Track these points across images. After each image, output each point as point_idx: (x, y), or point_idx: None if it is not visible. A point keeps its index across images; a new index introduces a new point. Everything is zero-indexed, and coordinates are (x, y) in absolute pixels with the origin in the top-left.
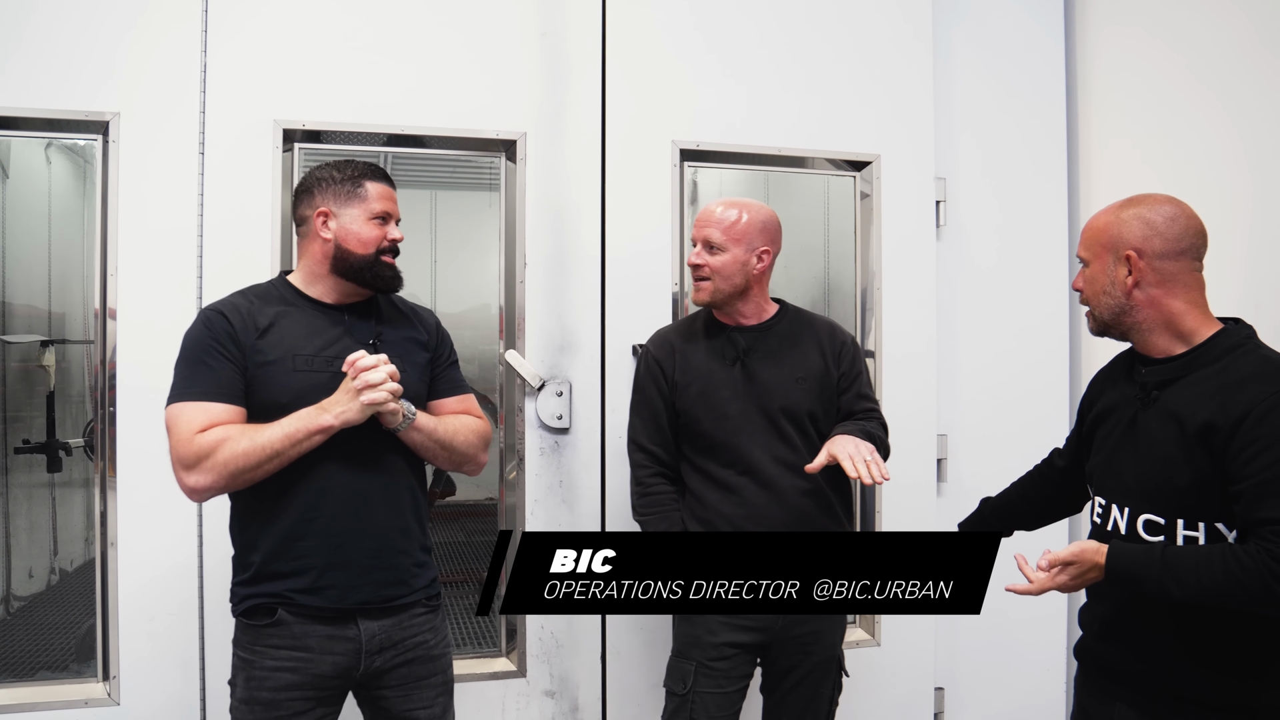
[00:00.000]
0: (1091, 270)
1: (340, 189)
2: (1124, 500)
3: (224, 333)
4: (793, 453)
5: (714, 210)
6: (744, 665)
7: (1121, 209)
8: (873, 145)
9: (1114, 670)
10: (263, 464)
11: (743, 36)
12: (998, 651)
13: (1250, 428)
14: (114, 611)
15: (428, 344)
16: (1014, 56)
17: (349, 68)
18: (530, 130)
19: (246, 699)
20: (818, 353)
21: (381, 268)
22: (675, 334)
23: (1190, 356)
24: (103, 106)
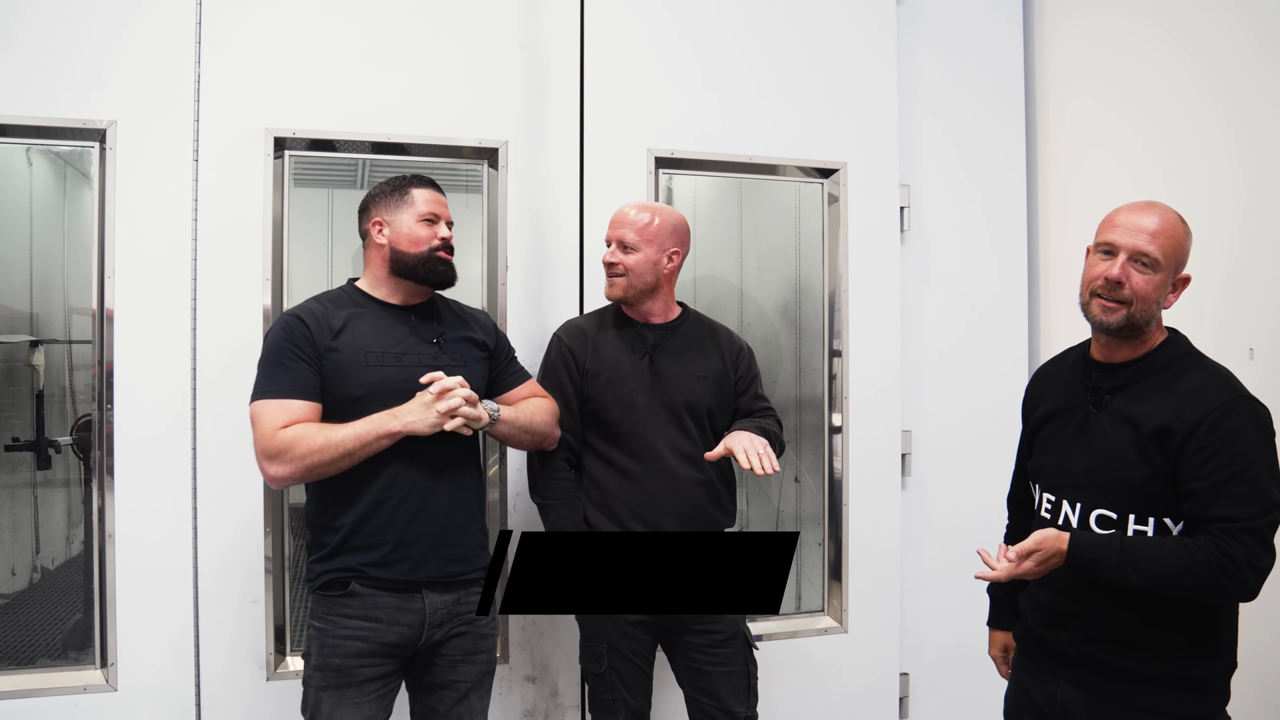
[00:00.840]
0: (1160, 278)
1: (390, 199)
2: (1075, 496)
3: (301, 336)
4: (691, 445)
5: (628, 213)
6: (648, 644)
7: (1179, 221)
8: (840, 153)
9: (1058, 652)
10: (336, 460)
11: (715, 48)
12: (961, 638)
13: (1205, 433)
14: (111, 601)
15: (485, 344)
16: (977, 64)
17: (338, 78)
18: (511, 139)
19: (320, 666)
20: (718, 355)
21: (435, 263)
22: (587, 323)
23: (1142, 363)
24: (99, 115)
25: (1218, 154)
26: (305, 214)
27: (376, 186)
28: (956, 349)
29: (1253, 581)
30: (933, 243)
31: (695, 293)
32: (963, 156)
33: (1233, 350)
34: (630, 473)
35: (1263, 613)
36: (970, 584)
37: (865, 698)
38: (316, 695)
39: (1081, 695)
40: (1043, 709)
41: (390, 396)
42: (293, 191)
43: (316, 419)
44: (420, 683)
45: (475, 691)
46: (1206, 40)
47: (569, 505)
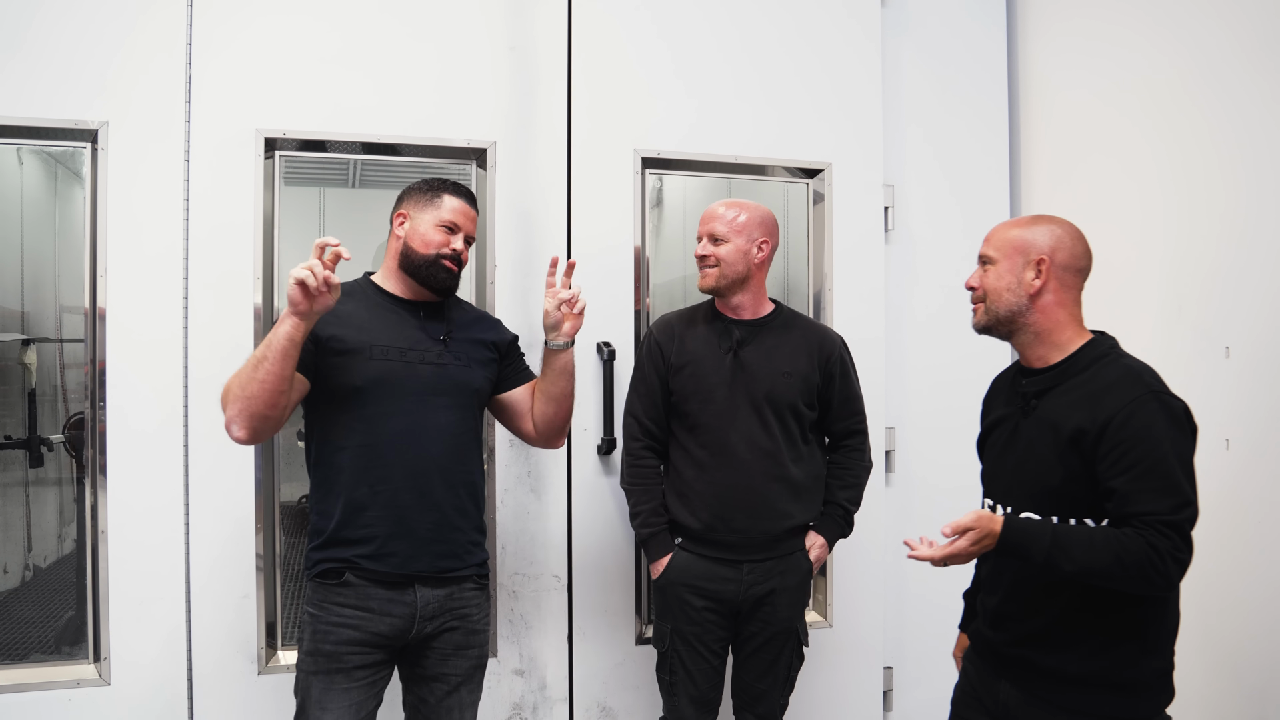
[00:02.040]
0: (998, 269)
1: (422, 196)
2: (1007, 500)
3: None
4: (769, 440)
5: (717, 209)
6: (716, 629)
7: (1034, 223)
8: (825, 154)
9: (997, 652)
10: (256, 377)
11: (701, 50)
12: (944, 633)
13: (1115, 431)
14: (104, 597)
15: (495, 345)
16: (960, 66)
17: (328, 79)
18: (500, 139)
19: (312, 651)
20: (805, 354)
21: (437, 269)
22: (678, 319)
23: (1063, 366)
24: (91, 116)
25: (1201, 157)
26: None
27: (417, 181)
28: (940, 347)
29: (1175, 574)
30: (917, 242)
31: (685, 290)
32: (947, 157)
33: (1209, 348)
34: (704, 464)
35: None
36: (953, 580)
37: (850, 691)
38: (307, 679)
39: (1019, 694)
40: (987, 705)
41: (392, 390)
42: (285, 190)
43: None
44: (412, 673)
45: (466, 685)
46: (1191, 45)
47: (648, 491)
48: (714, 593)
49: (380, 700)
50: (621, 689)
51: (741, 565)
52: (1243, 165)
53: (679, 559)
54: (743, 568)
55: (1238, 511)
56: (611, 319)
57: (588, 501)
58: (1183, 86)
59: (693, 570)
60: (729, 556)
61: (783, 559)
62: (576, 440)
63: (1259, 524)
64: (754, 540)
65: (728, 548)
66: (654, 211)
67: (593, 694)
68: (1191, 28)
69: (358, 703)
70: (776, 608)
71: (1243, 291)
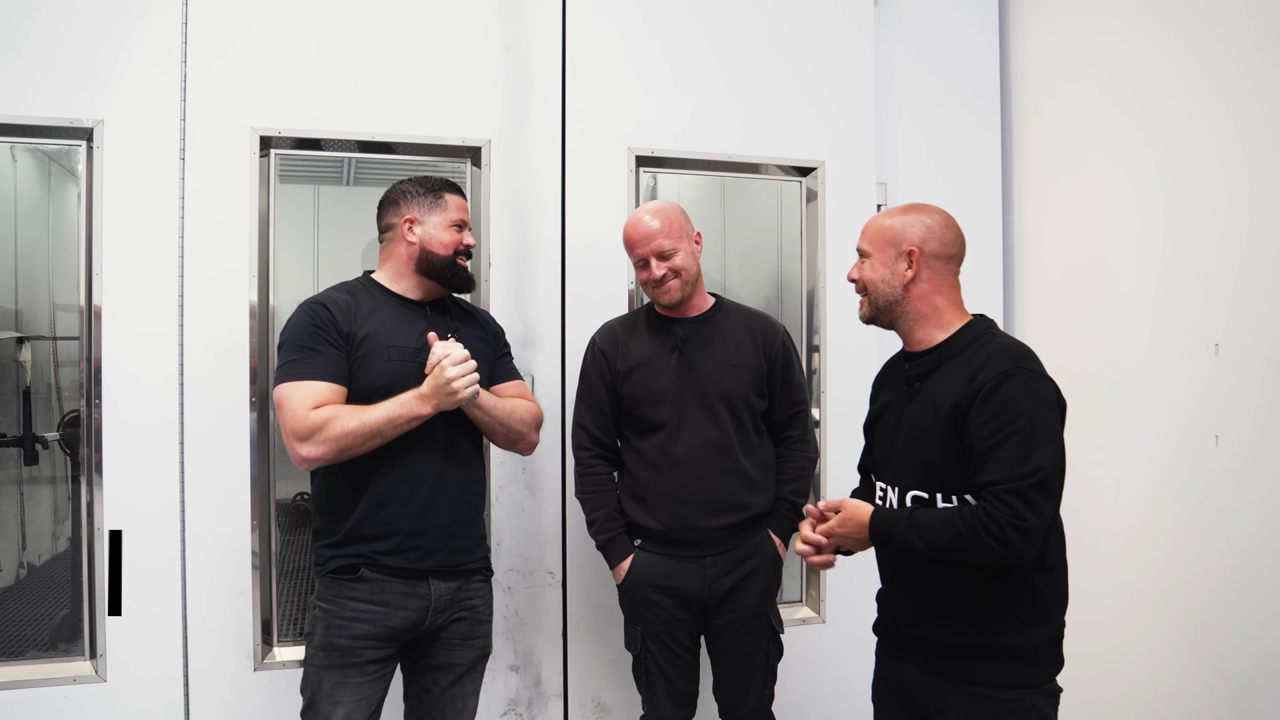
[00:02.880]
0: (873, 261)
1: (424, 200)
2: (895, 482)
3: (328, 321)
4: (721, 436)
5: (643, 223)
6: (685, 625)
7: (904, 213)
8: (817, 152)
9: (899, 634)
10: (366, 441)
11: (694, 49)
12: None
13: (980, 402)
14: (100, 594)
15: (490, 340)
16: (953, 64)
17: (323, 78)
18: (494, 138)
19: (325, 645)
20: (750, 344)
21: (458, 269)
22: (619, 326)
23: (942, 348)
24: (87, 114)
25: (1186, 156)
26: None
27: (407, 182)
28: None
29: (1017, 540)
30: None
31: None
32: (940, 154)
33: (1199, 345)
34: (658, 464)
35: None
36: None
37: (843, 686)
38: (318, 674)
39: (921, 673)
40: (895, 689)
41: (409, 389)
42: (280, 188)
43: (343, 401)
44: (418, 664)
45: (469, 674)
46: (1183, 42)
47: (600, 498)
48: (678, 590)
49: (386, 693)
50: (616, 685)
51: (704, 560)
52: (1234, 164)
53: (640, 560)
54: (705, 562)
55: (1226, 507)
56: (606, 315)
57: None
58: (1176, 83)
59: (655, 570)
60: (690, 553)
61: (744, 547)
62: (571, 436)
63: (1246, 518)
64: (714, 535)
65: (689, 545)
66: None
67: (588, 690)
68: (1183, 24)
69: (368, 696)
70: (745, 594)
71: (1232, 290)
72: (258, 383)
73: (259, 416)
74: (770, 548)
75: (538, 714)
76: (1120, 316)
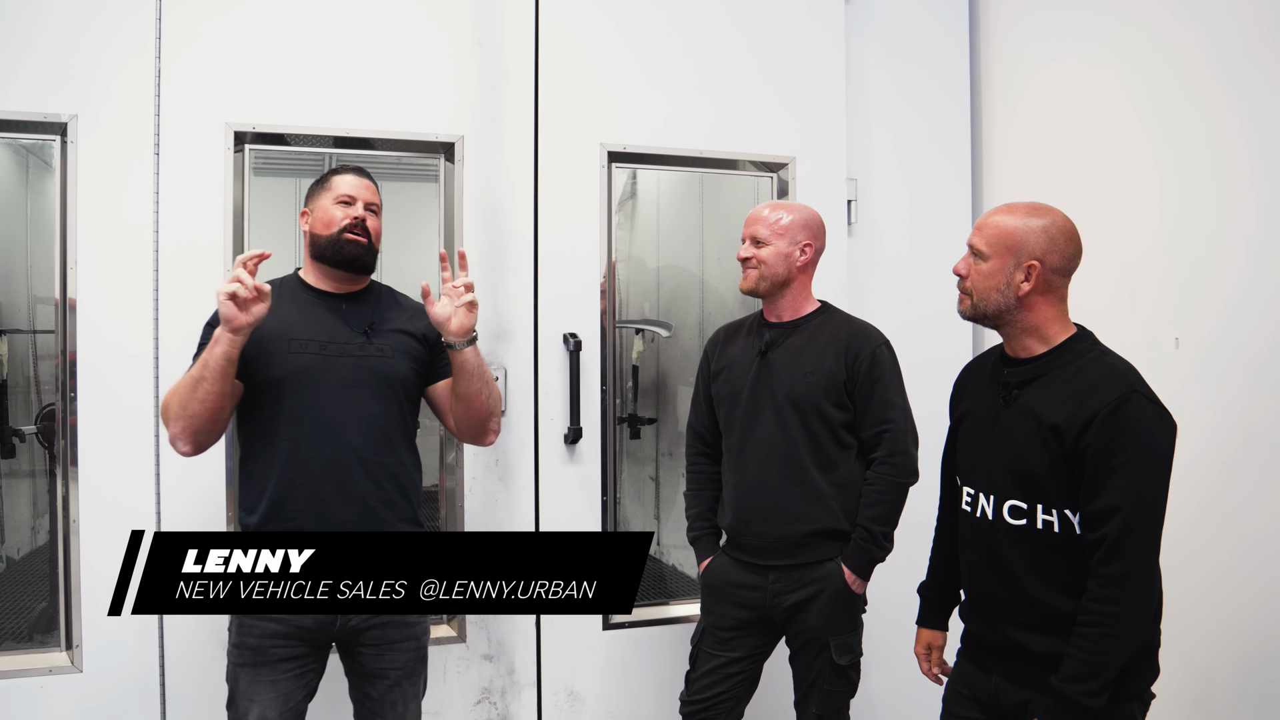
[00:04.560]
0: (989, 266)
1: (315, 190)
2: (991, 490)
3: None
4: (786, 442)
5: (761, 211)
6: (748, 636)
7: (1029, 216)
8: (788, 148)
9: (990, 642)
10: (195, 395)
11: (666, 46)
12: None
13: (1099, 426)
14: (75, 585)
15: (424, 337)
16: (923, 63)
17: (297, 73)
18: (468, 133)
19: (238, 644)
20: (833, 353)
21: (344, 243)
22: (726, 330)
23: (1046, 358)
24: (61, 109)
25: (1154, 154)
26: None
27: None
28: (902, 339)
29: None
30: (880, 234)
31: (658, 282)
32: (910, 151)
33: (1159, 339)
34: (730, 467)
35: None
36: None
37: None
38: (235, 670)
39: (1009, 684)
40: (980, 699)
41: (311, 383)
42: (258, 181)
43: None
44: (352, 668)
45: (407, 679)
46: (1146, 50)
47: (697, 496)
48: (743, 599)
49: (312, 691)
50: (589, 673)
51: (767, 572)
52: (1192, 165)
53: (717, 562)
54: (769, 575)
55: (1184, 498)
56: (578, 311)
57: (555, 489)
58: (1138, 89)
59: (725, 575)
60: (754, 561)
61: (813, 567)
62: (544, 429)
63: (1205, 510)
64: (773, 545)
65: (752, 551)
66: (628, 204)
67: (561, 678)
68: (1144, 34)
69: (285, 694)
70: (806, 617)
71: (1190, 286)
72: None
73: None
74: (840, 580)
75: (511, 703)
76: (1084, 312)
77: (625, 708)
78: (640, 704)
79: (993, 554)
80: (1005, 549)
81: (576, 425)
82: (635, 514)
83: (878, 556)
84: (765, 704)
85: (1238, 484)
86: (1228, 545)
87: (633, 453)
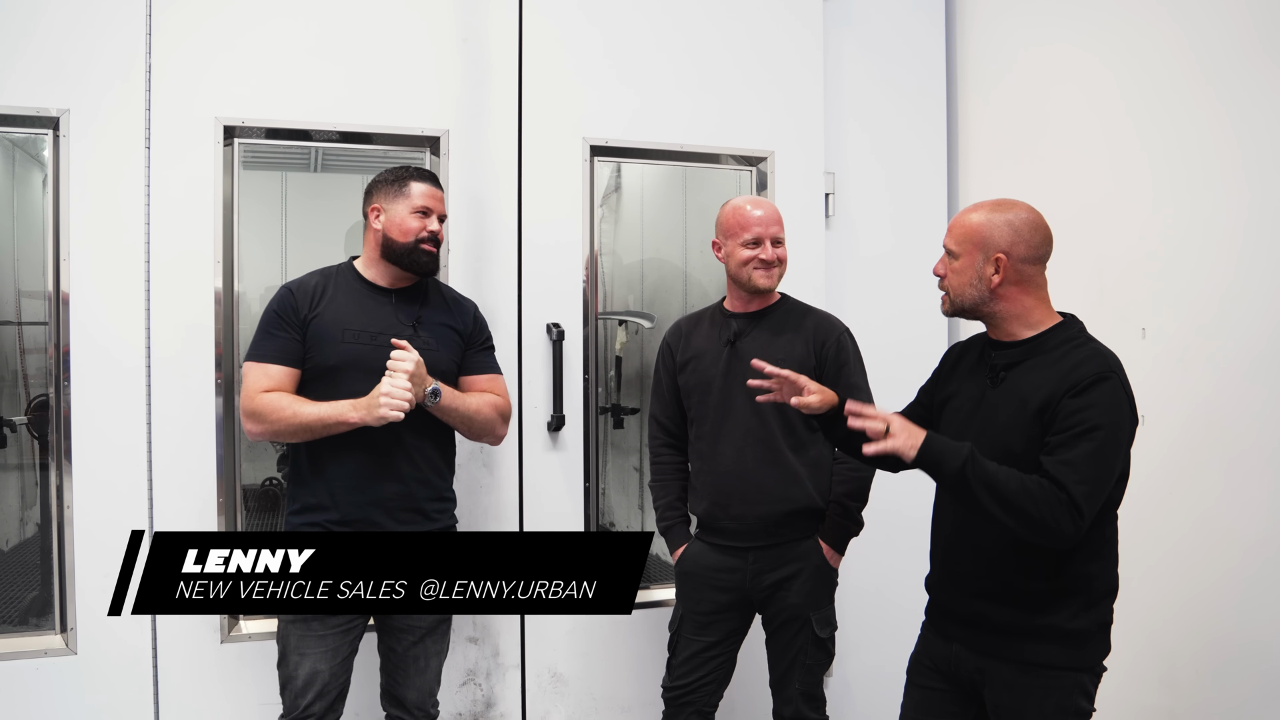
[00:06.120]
0: (960, 263)
1: (390, 188)
2: None
3: (289, 307)
4: (762, 427)
5: (770, 211)
6: (727, 620)
7: (993, 212)
8: (767, 142)
9: (953, 611)
10: (298, 432)
11: (647, 43)
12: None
13: (1071, 398)
14: (70, 570)
15: (463, 331)
16: (900, 59)
17: (286, 68)
18: (452, 127)
19: None
20: (801, 340)
21: (419, 254)
22: (687, 321)
23: (1034, 342)
24: (52, 103)
25: (1127, 148)
26: (259, 197)
27: (383, 172)
28: (880, 331)
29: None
30: (857, 227)
31: (642, 274)
32: (887, 146)
33: (1127, 329)
34: (703, 455)
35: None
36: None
37: None
38: (286, 628)
39: (970, 652)
40: (941, 668)
41: (364, 372)
42: (248, 175)
43: (293, 383)
44: (383, 625)
45: (430, 635)
46: (1120, 44)
47: (665, 486)
48: (722, 582)
49: (355, 648)
50: (572, 655)
51: (747, 554)
52: (1160, 160)
53: (692, 549)
54: (748, 556)
55: (1149, 483)
56: (560, 301)
57: (538, 476)
58: (1108, 82)
59: (702, 560)
60: (733, 544)
61: (792, 545)
62: (527, 417)
63: (1170, 494)
64: (753, 527)
65: (731, 535)
66: (612, 197)
67: (544, 660)
68: (1119, 24)
69: (333, 648)
70: (787, 594)
71: (1155, 278)
72: (223, 368)
73: (224, 401)
74: (818, 556)
75: (496, 684)
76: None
77: (607, 689)
78: (621, 685)
79: (962, 528)
80: (975, 523)
81: (559, 413)
82: (619, 504)
83: (853, 531)
84: (739, 689)
85: (1202, 470)
86: (1191, 528)
87: (616, 443)
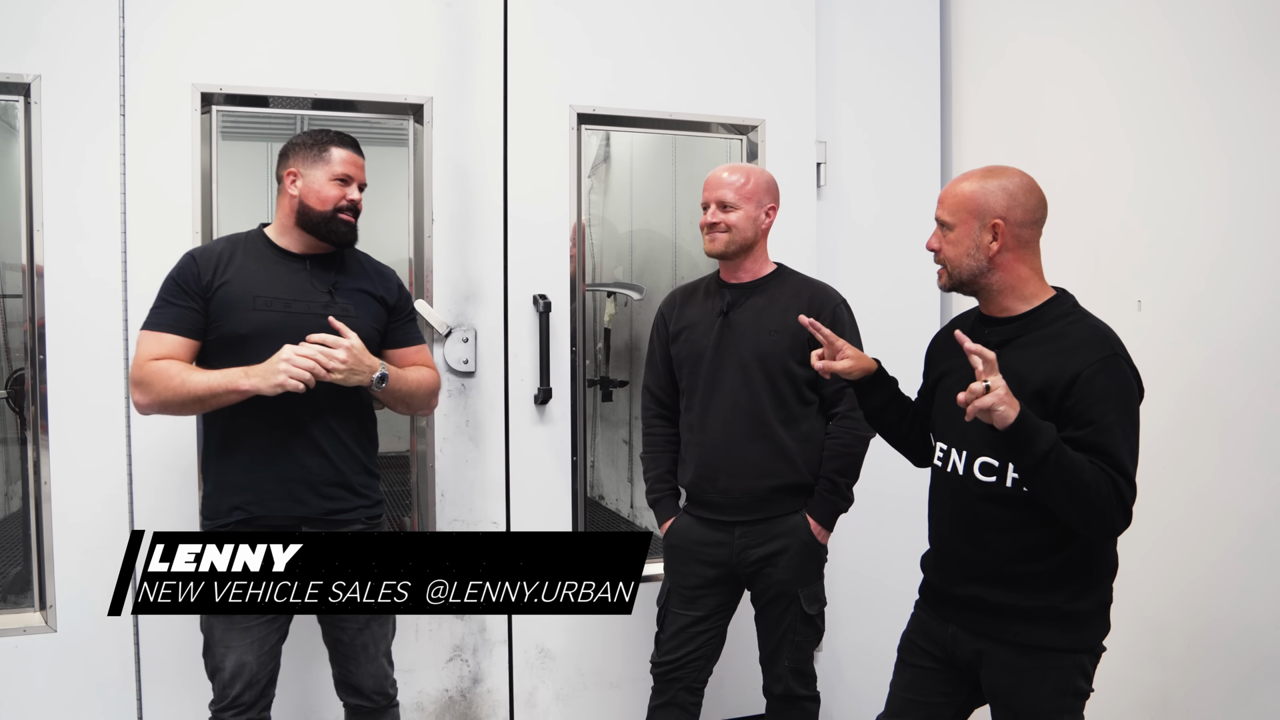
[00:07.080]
0: (956, 234)
1: (309, 152)
2: (963, 445)
3: (190, 275)
4: (751, 400)
5: (722, 175)
6: (715, 594)
7: (985, 179)
8: (758, 111)
9: (950, 594)
10: (188, 403)
11: (636, 9)
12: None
13: (1082, 386)
14: (49, 546)
15: (385, 300)
16: (893, 27)
17: (265, 34)
18: (436, 95)
19: None
20: (795, 310)
21: (337, 223)
22: (682, 291)
23: (1028, 318)
24: (24, 69)
25: (1122, 125)
26: (242, 167)
27: (298, 135)
28: (872, 302)
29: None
30: (849, 197)
31: (631, 245)
32: (880, 116)
33: (1123, 302)
34: (693, 426)
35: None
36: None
37: None
38: (208, 620)
39: (967, 634)
40: (935, 651)
41: (276, 340)
42: (230, 145)
43: (188, 354)
44: (323, 615)
45: (375, 620)
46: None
47: (655, 458)
48: (709, 556)
49: (284, 634)
50: (559, 631)
51: (733, 528)
52: (1153, 132)
53: (680, 522)
54: (734, 530)
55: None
56: (548, 272)
57: (525, 449)
58: (1103, 57)
59: (689, 534)
60: (719, 518)
61: (779, 521)
62: (514, 390)
63: (1165, 469)
64: (739, 501)
65: (717, 508)
66: (601, 168)
67: (531, 636)
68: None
69: (259, 639)
70: (774, 570)
71: (1152, 250)
72: None
73: None
74: (806, 532)
75: (483, 660)
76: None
77: (595, 664)
78: (609, 660)
79: (960, 509)
80: (973, 505)
81: (546, 386)
82: (609, 477)
83: (841, 507)
84: (729, 664)
85: (1196, 443)
86: (1185, 502)
87: (606, 416)
